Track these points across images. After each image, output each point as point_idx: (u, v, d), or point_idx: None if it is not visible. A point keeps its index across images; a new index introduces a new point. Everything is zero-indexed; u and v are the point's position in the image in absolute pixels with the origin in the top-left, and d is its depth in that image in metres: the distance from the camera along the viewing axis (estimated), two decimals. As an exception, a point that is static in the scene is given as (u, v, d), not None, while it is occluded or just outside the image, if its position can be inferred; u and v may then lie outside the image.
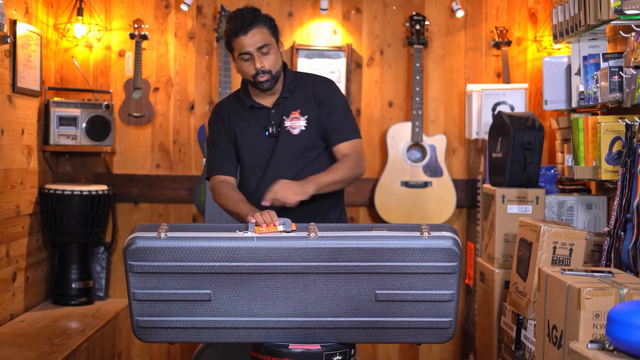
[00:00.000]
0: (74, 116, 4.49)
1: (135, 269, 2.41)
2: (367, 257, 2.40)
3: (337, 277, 2.43)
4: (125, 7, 4.77)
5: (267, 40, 2.83)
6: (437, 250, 2.40)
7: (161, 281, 2.43)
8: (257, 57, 2.82)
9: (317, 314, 2.48)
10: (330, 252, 2.40)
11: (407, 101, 4.83)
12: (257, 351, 2.53)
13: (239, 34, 2.81)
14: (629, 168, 2.82)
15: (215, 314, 2.47)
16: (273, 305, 2.47)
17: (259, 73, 2.84)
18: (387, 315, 2.48)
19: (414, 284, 2.44)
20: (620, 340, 2.02)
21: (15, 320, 4.02)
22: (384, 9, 4.85)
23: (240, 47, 2.83)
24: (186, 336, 2.51)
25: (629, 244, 2.73)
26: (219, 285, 2.44)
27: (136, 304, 2.47)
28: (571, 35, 3.49)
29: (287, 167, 2.89)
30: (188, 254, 2.39)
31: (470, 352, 4.50)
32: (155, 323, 2.49)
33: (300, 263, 2.40)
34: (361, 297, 2.45)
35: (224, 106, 3.02)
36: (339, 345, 2.52)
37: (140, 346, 4.80)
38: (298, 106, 2.93)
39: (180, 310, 2.47)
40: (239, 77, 4.78)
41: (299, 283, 2.44)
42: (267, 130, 2.90)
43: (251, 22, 2.80)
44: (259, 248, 2.40)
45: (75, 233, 4.40)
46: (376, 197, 4.66)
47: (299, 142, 2.90)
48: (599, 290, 2.24)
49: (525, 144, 3.66)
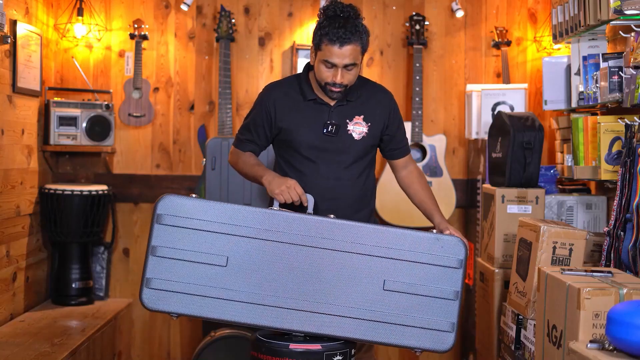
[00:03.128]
0: (74, 116, 4.49)
1: (163, 219, 2.54)
2: (381, 240, 2.55)
3: (349, 257, 2.53)
4: (125, 7, 4.77)
5: (356, 58, 2.76)
6: (446, 242, 2.57)
7: (183, 238, 2.53)
8: (340, 72, 2.75)
9: (325, 297, 2.52)
10: (347, 229, 2.55)
11: (407, 101, 4.83)
12: (258, 351, 2.54)
13: (333, 43, 2.71)
14: (629, 168, 2.82)
15: (227, 284, 2.52)
16: (283, 281, 2.52)
17: (335, 85, 2.78)
18: (392, 308, 2.53)
19: (422, 274, 2.55)
20: (620, 340, 2.02)
21: (15, 320, 4.02)
22: (383, 9, 4.85)
23: (328, 55, 2.74)
24: (193, 307, 2.52)
25: (628, 244, 2.73)
26: (236, 251, 2.53)
27: (152, 260, 2.52)
28: (571, 36, 3.50)
29: (346, 168, 2.91)
30: (212, 211, 2.54)
31: (470, 352, 4.50)
32: (166, 285, 2.50)
33: (317, 236, 2.54)
34: (370, 284, 2.53)
35: (272, 93, 2.93)
36: (340, 345, 2.53)
37: (141, 346, 4.80)
38: (362, 112, 2.91)
39: (193, 274, 2.52)
40: (239, 78, 4.82)
41: (313, 258, 2.53)
42: (326, 128, 2.87)
43: (350, 37, 2.71)
44: (279, 215, 2.56)
45: (75, 233, 4.40)
46: (376, 197, 4.66)
47: (359, 146, 2.91)
48: (598, 290, 2.25)
49: (525, 144, 3.66)
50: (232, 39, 4.70)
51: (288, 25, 4.82)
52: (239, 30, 4.79)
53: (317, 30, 2.77)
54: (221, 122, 4.55)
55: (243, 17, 4.81)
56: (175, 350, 4.82)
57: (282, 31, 4.82)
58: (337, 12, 2.75)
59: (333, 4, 2.79)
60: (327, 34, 2.72)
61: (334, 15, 2.75)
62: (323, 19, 2.77)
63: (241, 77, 4.81)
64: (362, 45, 2.77)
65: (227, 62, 4.62)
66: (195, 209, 2.54)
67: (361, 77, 2.96)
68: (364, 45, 2.78)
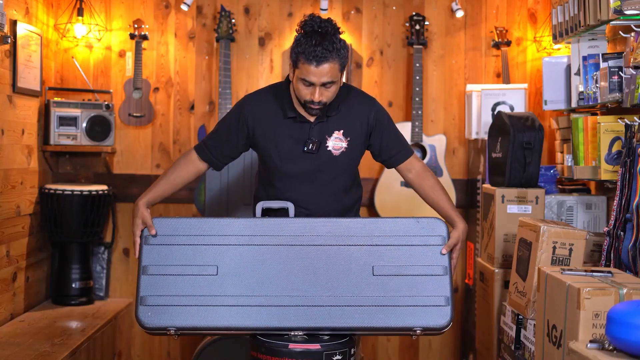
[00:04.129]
0: (74, 116, 4.49)
1: (150, 240, 2.66)
2: (364, 230, 2.65)
3: (335, 250, 2.61)
4: (125, 7, 4.77)
5: (334, 76, 2.68)
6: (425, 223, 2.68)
7: (171, 254, 2.62)
8: (318, 90, 2.69)
9: (318, 291, 2.57)
10: (329, 224, 2.66)
11: (406, 101, 4.83)
12: (257, 351, 2.54)
13: (309, 62, 2.64)
14: (629, 168, 2.82)
15: (219, 291, 2.57)
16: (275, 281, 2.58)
17: (313, 102, 2.72)
18: (385, 292, 2.58)
19: (408, 256, 2.63)
20: (620, 340, 2.02)
21: (15, 320, 4.02)
22: (383, 9, 4.85)
23: (305, 74, 2.67)
24: (189, 318, 2.55)
25: (628, 244, 2.73)
26: (225, 259, 2.60)
27: (145, 279, 2.59)
28: (571, 36, 3.50)
29: (328, 185, 2.88)
30: (197, 227, 2.66)
31: (470, 352, 4.50)
32: (160, 300, 2.56)
33: (302, 235, 2.63)
34: (359, 272, 2.60)
35: (251, 106, 2.86)
36: (339, 345, 2.54)
37: (141, 346, 4.80)
38: (342, 126, 2.84)
39: (186, 287, 2.58)
40: (239, 78, 4.82)
41: (301, 255, 2.61)
42: (306, 146, 2.80)
43: (327, 56, 2.63)
44: (263, 221, 2.68)
45: (75, 233, 4.40)
46: (376, 197, 4.66)
47: (340, 162, 2.85)
48: (598, 290, 2.25)
49: (525, 144, 3.66)
50: (232, 39, 4.70)
51: (288, 25, 4.82)
52: (239, 30, 4.80)
53: (294, 47, 2.70)
54: (221, 122, 4.55)
55: (243, 17, 4.81)
56: (175, 350, 4.82)
57: (282, 31, 4.82)
58: (315, 28, 2.68)
59: (311, 19, 2.71)
60: (304, 52, 2.65)
61: (311, 32, 2.68)
62: (300, 36, 2.70)
63: (241, 77, 4.81)
64: (340, 62, 2.68)
65: (227, 62, 4.62)
66: (180, 226, 2.66)
67: (342, 88, 2.84)
68: (342, 61, 2.69)
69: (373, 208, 4.69)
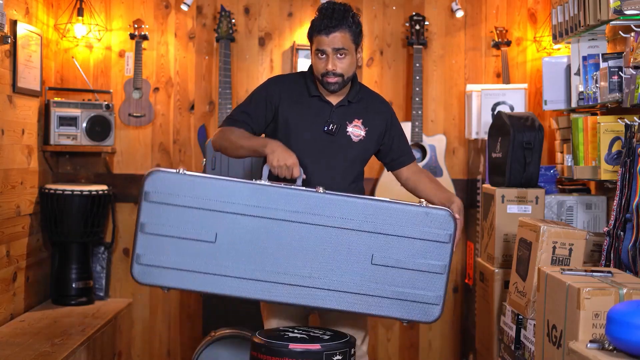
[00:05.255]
0: (74, 116, 4.49)
1: (151, 197, 2.54)
2: (370, 214, 2.55)
3: (338, 232, 2.55)
4: (125, 7, 4.77)
5: (346, 44, 2.80)
6: (435, 216, 2.56)
7: (171, 214, 2.53)
8: (331, 58, 2.80)
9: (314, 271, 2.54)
10: (335, 203, 2.55)
11: (406, 101, 4.83)
12: (258, 351, 2.54)
13: (320, 32, 2.79)
14: (629, 168, 2.82)
15: (216, 258, 2.52)
16: (272, 257, 2.54)
17: (329, 74, 2.81)
18: (380, 282, 2.55)
19: (410, 249, 2.56)
20: (620, 340, 2.02)
21: (15, 320, 4.02)
22: (383, 9, 4.85)
23: (318, 44, 2.81)
24: (183, 281, 2.53)
25: (628, 244, 2.73)
26: (225, 227, 2.53)
27: (141, 237, 2.53)
28: (571, 36, 3.50)
29: (341, 169, 2.92)
30: (200, 188, 2.53)
31: (470, 352, 4.50)
32: (155, 260, 2.52)
33: (305, 212, 2.54)
34: (358, 258, 2.55)
35: (279, 85, 2.96)
36: (339, 345, 2.54)
37: (141, 346, 4.80)
38: (361, 116, 2.93)
39: (182, 250, 2.53)
40: (239, 78, 4.82)
41: (302, 234, 2.55)
42: (327, 126, 2.88)
43: (336, 25, 2.77)
44: (268, 190, 2.55)
45: (76, 233, 4.40)
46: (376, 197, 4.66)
47: (356, 149, 2.92)
48: (598, 290, 2.25)
49: (525, 144, 3.66)
50: (232, 39, 4.70)
51: (288, 25, 4.83)
52: (239, 30, 4.80)
53: (310, 26, 2.86)
54: (221, 122, 4.55)
55: (243, 17, 4.82)
56: (175, 350, 4.82)
57: (282, 31, 4.82)
58: (329, 9, 2.82)
59: (327, 3, 2.85)
60: (316, 26, 2.81)
61: (323, 11, 2.83)
62: (314, 18, 2.85)
63: (241, 77, 4.81)
64: (351, 34, 2.81)
65: (227, 62, 4.62)
66: (183, 185, 2.53)
67: (361, 84, 3.00)
68: (354, 34, 2.82)
69: (373, 208, 4.69)
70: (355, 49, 2.85)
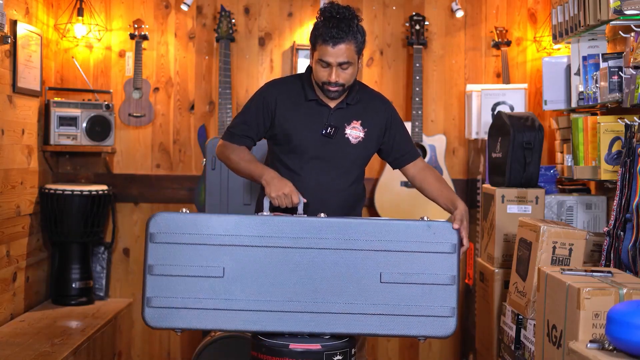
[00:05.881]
0: (74, 116, 4.49)
1: (156, 238, 2.56)
2: (373, 233, 2.57)
3: (344, 254, 2.56)
4: (125, 7, 4.77)
5: (350, 57, 2.77)
6: (437, 228, 2.59)
7: (178, 254, 2.56)
8: (335, 70, 2.77)
9: (325, 296, 2.55)
10: (338, 226, 2.58)
11: (406, 101, 4.83)
12: (258, 351, 2.54)
13: (326, 42, 2.74)
14: (629, 168, 2.82)
15: (225, 294, 2.54)
16: (281, 285, 2.55)
17: (331, 84, 2.79)
18: (392, 300, 2.55)
19: (417, 263, 2.57)
20: (620, 340, 2.02)
21: (15, 320, 4.02)
22: (383, 9, 4.85)
23: (322, 54, 2.76)
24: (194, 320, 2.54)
25: (628, 244, 2.73)
26: (231, 260, 2.55)
27: (150, 279, 2.55)
28: (571, 36, 3.50)
29: (341, 171, 2.92)
30: (204, 225, 2.57)
31: (470, 352, 4.50)
32: (166, 302, 2.54)
33: (310, 237, 2.57)
34: (367, 278, 2.56)
35: (275, 89, 2.94)
36: (340, 345, 2.53)
37: (141, 346, 4.80)
38: (360, 117, 2.91)
39: (192, 289, 2.55)
40: (239, 78, 4.82)
41: (308, 260, 2.56)
42: (324, 130, 2.87)
43: (342, 37, 2.73)
44: (271, 220, 2.59)
45: (76, 233, 4.40)
46: (376, 197, 4.66)
47: (355, 151, 2.91)
48: (598, 290, 2.25)
49: (525, 144, 3.66)
50: (232, 39, 4.70)
51: (288, 25, 4.82)
52: (239, 30, 4.80)
53: (313, 31, 2.81)
54: (221, 122, 4.55)
55: (243, 17, 4.82)
56: (175, 350, 4.82)
57: (282, 31, 4.82)
58: (334, 14, 2.77)
59: (330, 5, 2.81)
60: (321, 34, 2.75)
61: (330, 17, 2.77)
62: (319, 21, 2.79)
63: (241, 77, 4.81)
64: (356, 45, 2.77)
65: (227, 62, 4.62)
66: (187, 224, 2.57)
67: (361, 83, 2.98)
68: (358, 44, 2.78)
69: (373, 208, 4.69)
70: (358, 58, 2.83)
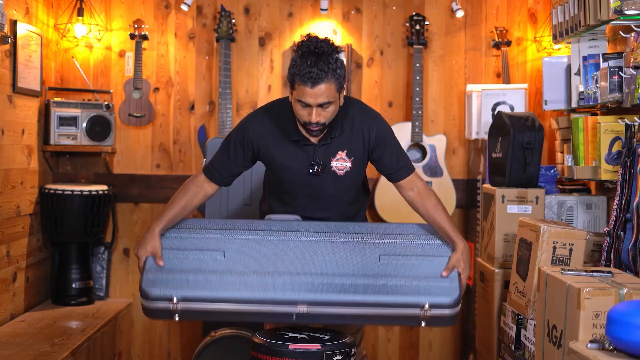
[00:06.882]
0: (74, 116, 4.49)
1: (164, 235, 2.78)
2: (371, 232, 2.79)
3: (343, 244, 2.72)
4: (126, 7, 4.77)
5: (331, 97, 2.64)
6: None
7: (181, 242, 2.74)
8: (315, 110, 2.64)
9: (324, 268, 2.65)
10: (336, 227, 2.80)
11: (407, 101, 4.83)
12: (258, 351, 2.54)
13: (304, 83, 2.60)
14: (629, 168, 2.82)
15: (226, 270, 2.63)
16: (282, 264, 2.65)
17: (312, 124, 2.68)
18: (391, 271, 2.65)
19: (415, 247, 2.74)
20: (620, 340, 2.02)
21: (15, 320, 4.02)
22: (384, 9, 4.85)
23: (300, 95, 2.64)
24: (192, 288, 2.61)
25: (628, 244, 2.73)
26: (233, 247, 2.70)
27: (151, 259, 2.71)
28: (571, 36, 3.50)
29: (334, 198, 2.93)
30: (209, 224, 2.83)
31: (470, 352, 4.50)
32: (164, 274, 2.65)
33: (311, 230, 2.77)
34: (366, 258, 2.69)
35: (255, 128, 2.84)
36: (340, 345, 2.54)
37: (141, 346, 4.80)
38: (345, 147, 2.82)
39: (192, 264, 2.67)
40: (239, 78, 4.82)
41: (309, 243, 2.71)
42: (312, 168, 2.81)
43: (322, 77, 2.59)
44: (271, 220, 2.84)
45: (76, 233, 4.40)
46: (376, 197, 4.66)
47: (344, 181, 2.87)
48: (598, 290, 2.25)
49: (525, 144, 3.66)
50: (232, 39, 4.70)
51: (288, 25, 4.82)
52: (239, 30, 4.80)
53: (290, 68, 2.67)
54: (221, 122, 4.55)
55: (243, 17, 4.81)
56: (175, 350, 4.82)
57: (282, 31, 4.82)
58: (312, 48, 2.64)
59: (308, 39, 2.67)
60: (299, 74, 2.61)
61: (307, 52, 2.64)
62: (296, 57, 2.66)
63: (241, 77, 4.81)
64: (336, 82, 2.64)
65: (227, 62, 4.62)
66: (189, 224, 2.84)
67: (343, 106, 2.80)
68: (339, 81, 2.65)
69: (373, 208, 4.69)
70: (339, 94, 2.70)
